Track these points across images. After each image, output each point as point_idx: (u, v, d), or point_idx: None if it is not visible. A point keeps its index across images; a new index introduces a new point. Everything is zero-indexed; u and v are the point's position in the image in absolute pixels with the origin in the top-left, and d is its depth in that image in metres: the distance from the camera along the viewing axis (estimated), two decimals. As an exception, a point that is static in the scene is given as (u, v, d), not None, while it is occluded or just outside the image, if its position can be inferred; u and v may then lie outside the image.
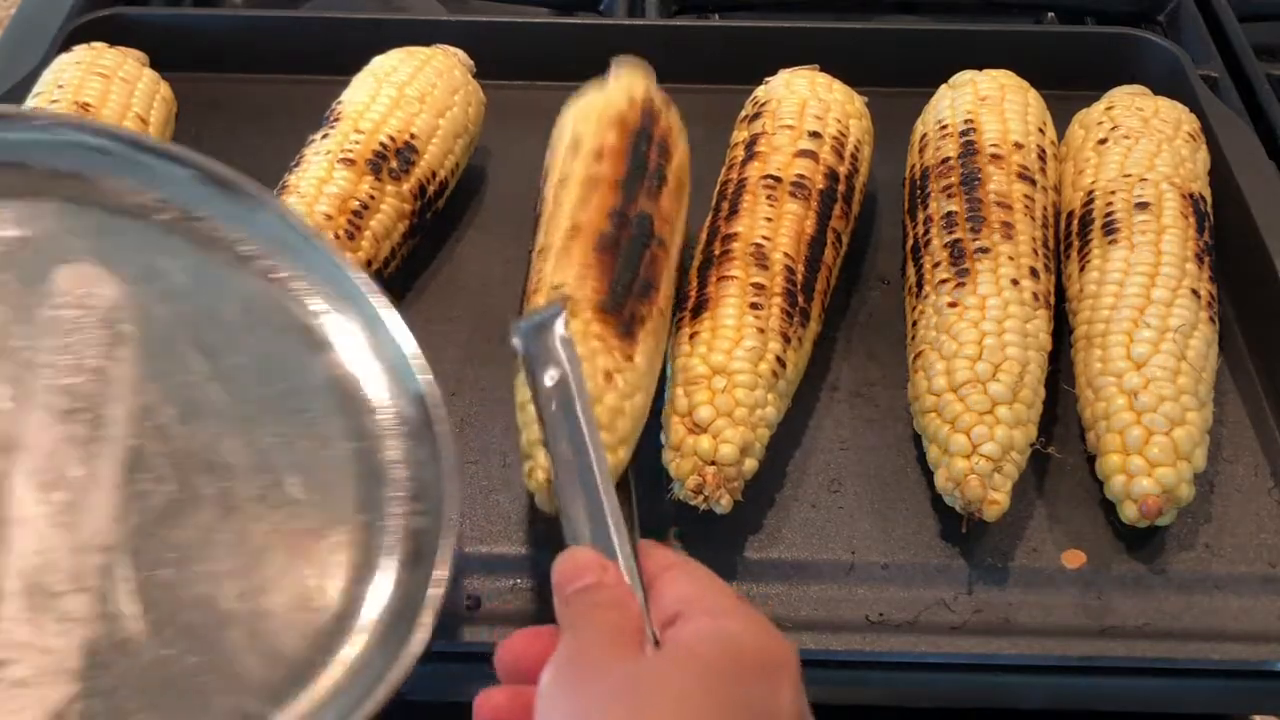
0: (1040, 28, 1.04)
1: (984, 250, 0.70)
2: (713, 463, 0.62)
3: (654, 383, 0.65)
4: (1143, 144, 0.76)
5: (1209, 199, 0.77)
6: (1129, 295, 0.69)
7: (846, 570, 0.64)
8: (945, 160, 0.76)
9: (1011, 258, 0.70)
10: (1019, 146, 0.76)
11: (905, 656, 0.61)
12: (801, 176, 0.74)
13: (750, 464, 0.64)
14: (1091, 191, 0.75)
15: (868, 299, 0.78)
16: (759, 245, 0.71)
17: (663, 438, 0.65)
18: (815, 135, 0.76)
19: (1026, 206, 0.73)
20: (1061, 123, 0.82)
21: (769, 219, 0.72)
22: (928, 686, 0.63)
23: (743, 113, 0.81)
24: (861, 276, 0.80)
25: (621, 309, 0.64)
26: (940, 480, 0.64)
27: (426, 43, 0.85)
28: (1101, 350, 0.67)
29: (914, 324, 0.71)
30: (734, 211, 0.73)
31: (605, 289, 0.64)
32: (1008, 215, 0.72)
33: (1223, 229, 0.77)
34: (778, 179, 0.74)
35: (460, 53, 0.85)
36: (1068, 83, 0.87)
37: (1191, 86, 0.88)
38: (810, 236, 0.72)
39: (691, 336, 0.67)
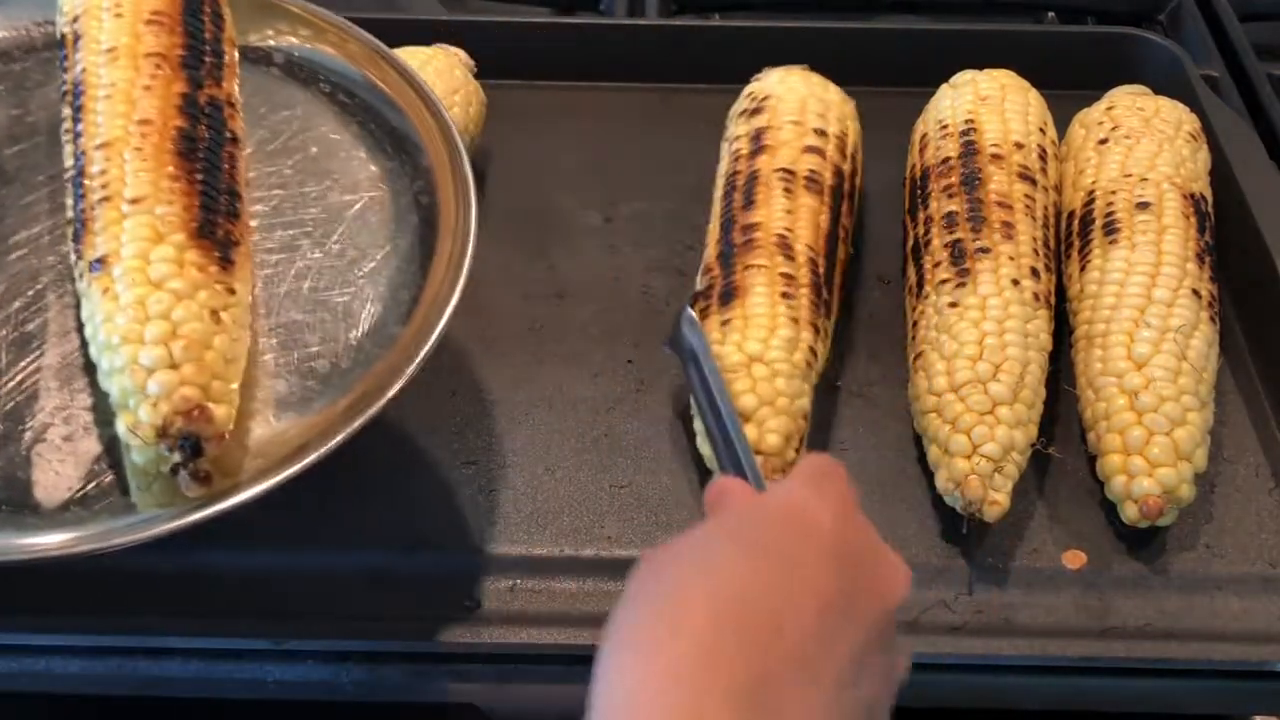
0: (1040, 27, 1.04)
1: (984, 250, 0.70)
2: (759, 453, 0.63)
3: (249, 317, 0.59)
4: (1144, 144, 0.76)
5: (1210, 199, 0.77)
6: (1130, 295, 0.69)
7: (847, 570, 0.64)
8: (946, 160, 0.76)
9: (1012, 258, 0.70)
10: (1019, 146, 0.76)
11: (905, 657, 0.61)
12: (813, 171, 0.74)
13: (791, 455, 0.64)
14: (1092, 191, 0.75)
15: (868, 299, 0.78)
16: (782, 236, 0.71)
17: (696, 425, 0.65)
18: (820, 133, 0.77)
19: (1027, 206, 0.73)
20: (1062, 122, 0.82)
21: (788, 211, 0.72)
22: (928, 687, 0.62)
23: (739, 107, 0.81)
24: (861, 276, 0.80)
25: (215, 230, 0.58)
26: (941, 480, 0.64)
27: (426, 43, 0.84)
28: (1102, 350, 0.67)
29: (914, 324, 0.71)
30: (750, 202, 0.73)
31: (196, 206, 0.58)
32: (1008, 215, 0.72)
33: (1223, 229, 0.77)
34: (791, 172, 0.74)
35: (460, 53, 0.84)
36: (1068, 82, 0.86)
37: (1192, 86, 0.88)
38: (826, 230, 0.73)
39: (723, 324, 0.67)
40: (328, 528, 0.64)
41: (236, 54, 0.68)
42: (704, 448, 0.66)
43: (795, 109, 0.78)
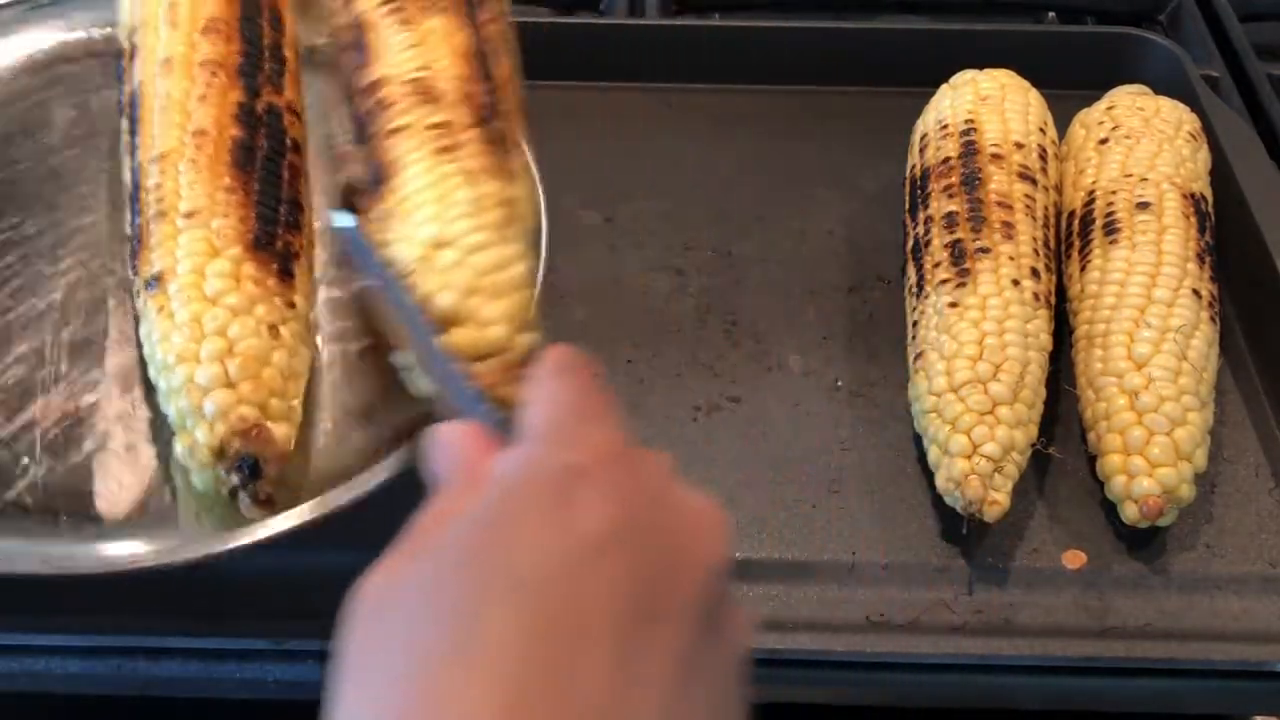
0: (1040, 27, 1.04)
1: (985, 250, 0.70)
2: (484, 357, 0.51)
3: (311, 330, 0.57)
4: (1144, 144, 0.76)
5: (1210, 199, 0.77)
6: (1130, 295, 0.69)
7: (846, 570, 0.64)
8: (946, 160, 0.76)
9: (1012, 258, 0.70)
10: (1020, 146, 0.76)
11: (905, 657, 0.61)
12: None
13: (528, 339, 0.52)
14: (1092, 191, 0.75)
15: (868, 299, 0.78)
16: (417, 80, 0.58)
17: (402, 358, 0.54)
18: None
19: (1027, 206, 0.73)
20: (1062, 122, 0.82)
21: (412, 46, 0.60)
22: (928, 686, 0.63)
23: None
24: (862, 276, 0.80)
25: (274, 242, 0.55)
26: (941, 481, 0.64)
27: (426, 42, 0.84)
28: (1102, 350, 0.67)
29: (914, 324, 0.71)
30: (363, 57, 0.60)
31: (253, 217, 0.56)
32: (1008, 215, 0.72)
33: (1223, 229, 0.77)
34: None
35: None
36: (1068, 82, 0.86)
37: (1192, 86, 0.88)
38: (472, 49, 0.61)
39: (383, 218, 0.55)
40: (328, 527, 0.64)
41: (298, 58, 0.66)
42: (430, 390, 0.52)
43: None
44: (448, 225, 0.53)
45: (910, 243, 0.76)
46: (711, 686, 0.36)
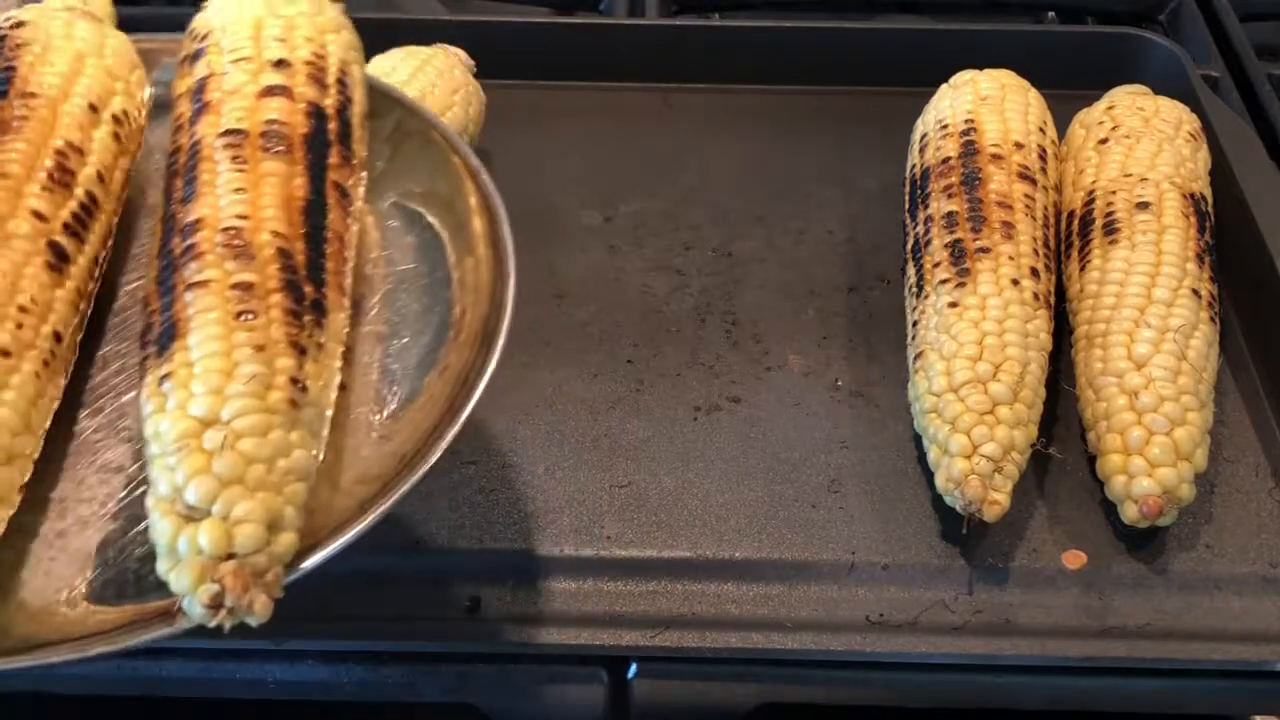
0: (1041, 27, 1.04)
1: (985, 250, 0.70)
2: (229, 556, 0.46)
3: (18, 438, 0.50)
4: (1144, 144, 0.76)
5: (1210, 199, 0.77)
6: (1130, 295, 0.69)
7: (846, 570, 0.64)
8: (946, 160, 0.76)
9: (1012, 258, 0.70)
10: (1020, 146, 0.76)
11: (905, 656, 0.61)
12: (275, 123, 0.58)
13: (288, 539, 0.48)
14: (1092, 191, 0.75)
15: (868, 299, 0.78)
16: (234, 230, 0.54)
17: (152, 537, 0.48)
18: (282, 64, 0.60)
19: (1027, 206, 0.73)
20: (1062, 122, 0.82)
21: (240, 189, 0.56)
22: (928, 686, 0.63)
23: (181, 53, 0.64)
24: (861, 276, 0.80)
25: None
26: (941, 481, 0.64)
27: (426, 42, 0.85)
28: (1102, 350, 0.67)
29: (914, 324, 0.71)
30: (191, 190, 0.56)
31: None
32: (1008, 215, 0.72)
33: (1223, 229, 0.77)
34: (242, 132, 0.58)
35: (460, 52, 0.85)
36: (1068, 82, 0.87)
37: (1192, 86, 0.88)
38: (304, 200, 0.57)
39: (162, 381, 0.50)
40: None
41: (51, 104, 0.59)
42: None
43: (243, 40, 0.61)
44: (223, 402, 0.48)
45: (910, 243, 0.76)
46: None
